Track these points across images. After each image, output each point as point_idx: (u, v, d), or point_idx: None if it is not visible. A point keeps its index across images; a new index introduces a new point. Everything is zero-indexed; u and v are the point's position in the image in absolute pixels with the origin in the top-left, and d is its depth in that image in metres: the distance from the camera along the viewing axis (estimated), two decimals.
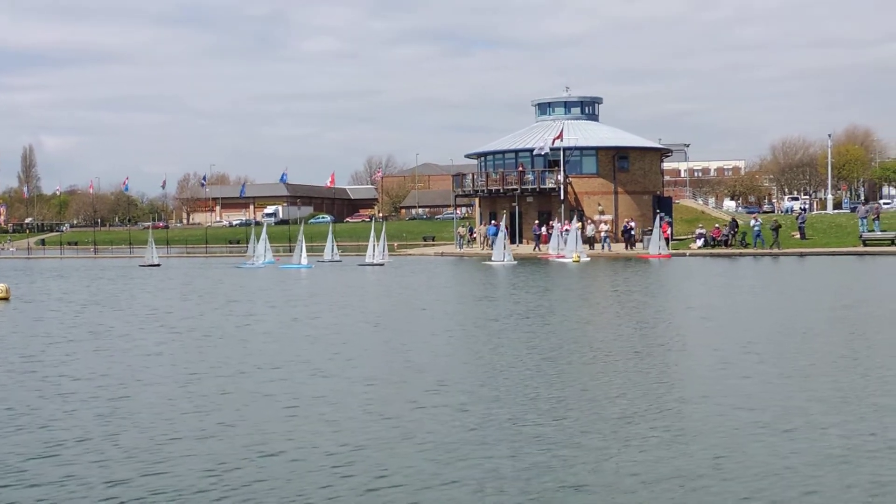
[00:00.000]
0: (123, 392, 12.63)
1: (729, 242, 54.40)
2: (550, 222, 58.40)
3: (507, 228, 60.88)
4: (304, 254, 47.75)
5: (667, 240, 51.98)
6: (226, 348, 16.83)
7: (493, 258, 47.99)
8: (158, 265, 51.54)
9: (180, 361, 15.40)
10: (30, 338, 18.93)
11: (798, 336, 17.26)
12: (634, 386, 12.46)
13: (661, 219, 51.81)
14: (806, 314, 21.18)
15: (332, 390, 12.52)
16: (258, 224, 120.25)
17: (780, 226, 53.59)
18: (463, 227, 69.26)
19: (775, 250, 50.91)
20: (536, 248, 57.39)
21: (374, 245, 48.32)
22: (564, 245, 51.71)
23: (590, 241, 57.06)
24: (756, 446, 9.23)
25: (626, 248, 55.99)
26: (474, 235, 66.65)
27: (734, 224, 56.66)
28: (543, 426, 10.25)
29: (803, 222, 56.04)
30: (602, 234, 57.44)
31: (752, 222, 55.32)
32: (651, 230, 52.90)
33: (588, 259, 49.35)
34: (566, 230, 55.91)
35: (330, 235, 53.80)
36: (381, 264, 47.35)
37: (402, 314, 23.11)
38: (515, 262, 46.78)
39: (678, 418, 10.54)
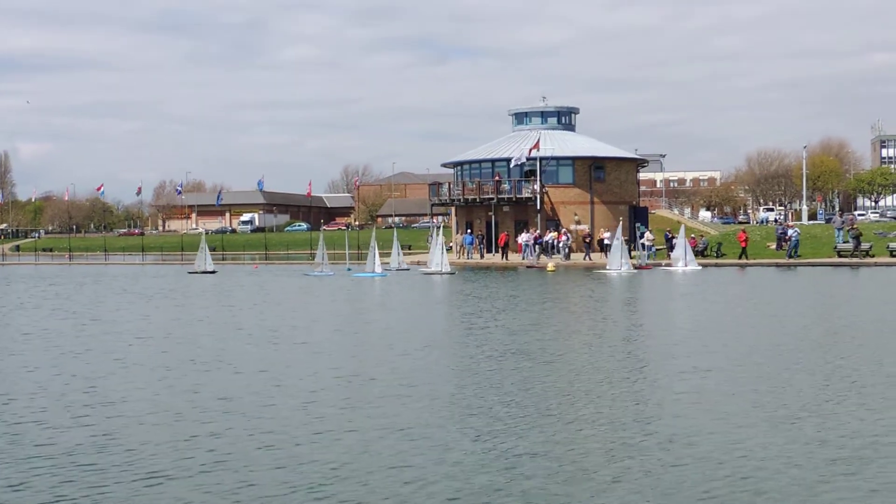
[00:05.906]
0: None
1: (705, 253, 54.40)
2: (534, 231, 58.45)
3: (501, 236, 60.87)
4: (378, 262, 46.21)
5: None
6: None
7: (608, 267, 45.93)
8: (214, 272, 49.59)
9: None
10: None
11: None
12: None
13: (640, 231, 51.47)
14: None
15: None
16: (233, 231, 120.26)
17: (861, 234, 51.24)
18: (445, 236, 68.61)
19: (854, 260, 48.76)
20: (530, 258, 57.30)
21: (436, 253, 46.72)
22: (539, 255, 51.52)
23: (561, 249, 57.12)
24: None
25: (605, 256, 55.84)
26: (450, 245, 66.16)
27: (783, 231, 54.95)
28: None
29: (783, 233, 55.41)
30: (649, 243, 54.35)
31: (791, 231, 53.13)
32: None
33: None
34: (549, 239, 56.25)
35: (395, 243, 52.13)
36: (452, 273, 45.96)
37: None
38: (634, 271, 44.92)
39: None
